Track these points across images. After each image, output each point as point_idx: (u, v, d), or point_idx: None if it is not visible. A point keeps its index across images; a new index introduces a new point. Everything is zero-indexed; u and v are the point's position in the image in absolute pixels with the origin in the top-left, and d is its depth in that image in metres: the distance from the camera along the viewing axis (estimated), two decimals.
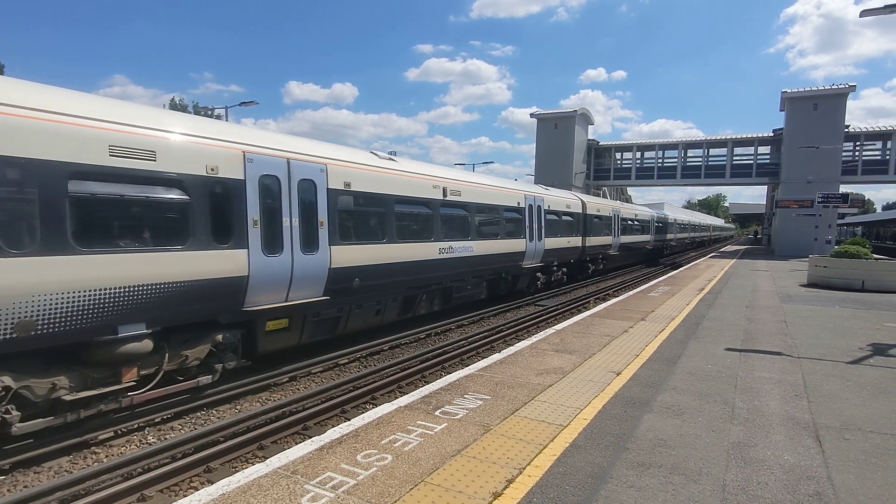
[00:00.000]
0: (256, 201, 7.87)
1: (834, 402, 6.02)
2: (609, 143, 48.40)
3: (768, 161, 41.65)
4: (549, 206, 19.03)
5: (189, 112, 49.79)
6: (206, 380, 7.44)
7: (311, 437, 5.39)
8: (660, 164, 45.38)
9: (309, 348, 9.66)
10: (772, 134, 40.97)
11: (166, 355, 6.88)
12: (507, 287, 16.85)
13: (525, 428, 5.12)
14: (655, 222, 37.07)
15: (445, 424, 5.16)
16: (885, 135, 36.79)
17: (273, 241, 8.13)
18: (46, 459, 5.66)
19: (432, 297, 13.04)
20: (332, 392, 7.95)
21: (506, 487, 3.93)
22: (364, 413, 6.00)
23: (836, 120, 35.01)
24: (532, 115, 46.73)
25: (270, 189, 8.15)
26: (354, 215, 10.09)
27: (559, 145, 44.40)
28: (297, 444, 5.46)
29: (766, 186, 54.68)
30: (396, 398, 6.46)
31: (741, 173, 42.48)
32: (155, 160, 6.59)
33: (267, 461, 4.34)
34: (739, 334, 9.78)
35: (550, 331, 10.03)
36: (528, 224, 17.25)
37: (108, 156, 6.11)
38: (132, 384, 6.50)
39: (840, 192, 32.03)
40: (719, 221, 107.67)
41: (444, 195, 12.88)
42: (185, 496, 4.26)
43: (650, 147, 46.26)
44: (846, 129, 35.81)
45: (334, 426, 5.74)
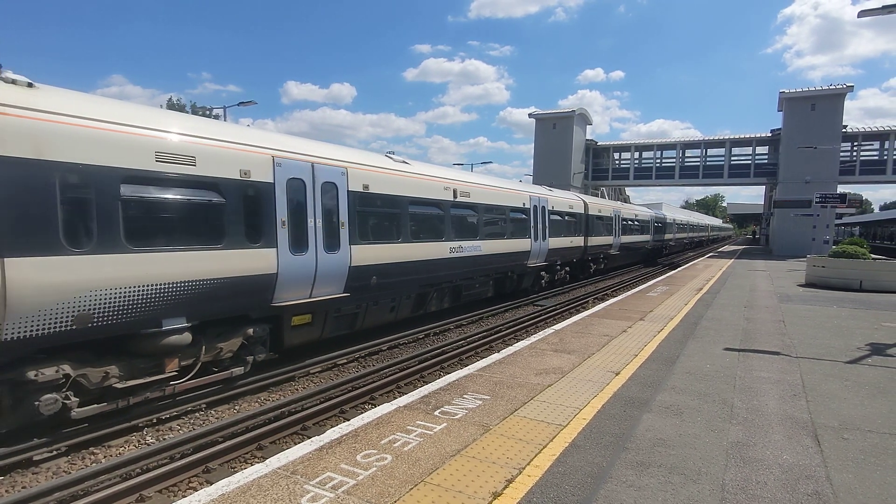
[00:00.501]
0: (284, 203, 8.31)
1: (832, 401, 6.03)
2: (607, 144, 48.42)
3: (766, 161, 41.72)
4: (552, 207, 19.35)
5: (187, 112, 49.75)
6: (238, 371, 7.90)
7: (310, 438, 5.38)
8: (658, 165, 45.43)
9: (331, 342, 10.07)
10: (770, 134, 41.03)
11: (203, 347, 7.31)
12: (512, 285, 17.16)
13: (524, 428, 5.12)
14: (654, 222, 37.24)
15: (445, 424, 5.16)
16: (883, 135, 36.86)
17: (299, 241, 8.57)
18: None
19: (442, 294, 13.46)
20: (331, 392, 7.94)
21: (505, 487, 3.94)
22: (363, 413, 6.01)
23: (834, 120, 35.09)
24: (530, 116, 46.75)
25: (297, 191, 8.60)
26: (372, 216, 10.49)
27: (557, 145, 44.42)
28: (296, 444, 5.45)
29: (764, 186, 54.81)
30: (395, 398, 6.46)
31: (739, 173, 42.54)
32: (195, 165, 7.04)
33: (266, 461, 4.33)
34: (738, 334, 9.80)
35: (549, 331, 10.03)
36: (532, 224, 17.58)
37: (155, 161, 6.59)
38: (174, 374, 6.96)
39: (838, 192, 32.03)
40: (717, 221, 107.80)
41: (455, 196, 13.31)
42: (185, 496, 4.26)
43: (648, 147, 46.31)
44: (844, 130, 35.87)
45: (333, 426, 5.73)
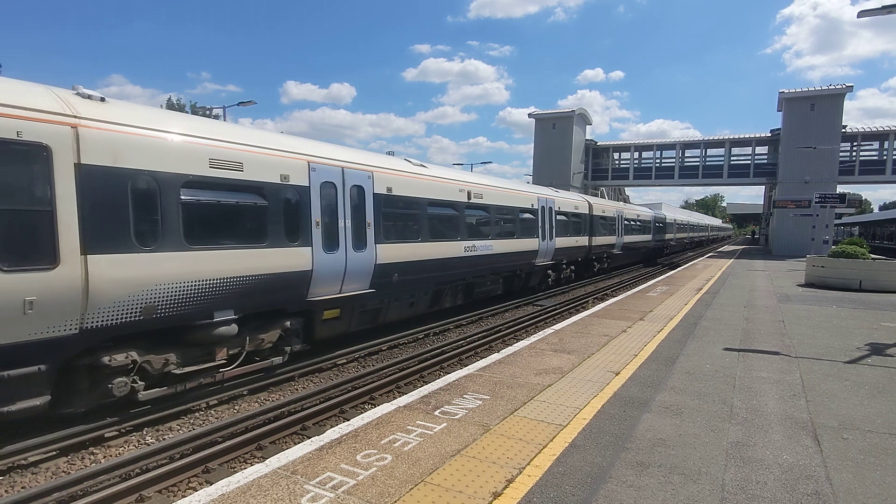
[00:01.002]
0: (318, 205, 8.95)
1: (832, 401, 6.03)
2: (607, 144, 48.43)
3: (766, 161, 41.75)
4: (559, 208, 19.84)
5: (186, 112, 49.72)
6: (277, 360, 8.54)
7: (310, 438, 5.38)
8: (657, 165, 45.44)
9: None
10: (769, 134, 41.04)
11: (247, 338, 7.93)
12: (521, 283, 17.71)
13: (524, 428, 5.12)
14: (655, 223, 37.40)
15: (445, 424, 5.16)
16: (882, 135, 36.89)
17: (331, 240, 9.23)
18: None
19: (456, 291, 14.05)
20: (331, 392, 7.94)
21: (506, 487, 3.93)
22: (363, 413, 6.00)
23: (834, 120, 35.10)
24: (530, 116, 46.76)
25: (329, 194, 9.26)
26: (394, 217, 11.08)
27: (557, 145, 44.43)
28: (296, 444, 5.46)
29: (764, 186, 54.81)
30: (395, 398, 6.46)
31: (739, 173, 42.55)
32: (242, 170, 7.69)
33: (266, 461, 4.33)
34: (737, 334, 9.80)
35: (549, 331, 10.03)
36: (540, 224, 18.13)
37: (209, 167, 7.24)
38: (223, 362, 7.61)
39: (837, 192, 32.08)
40: (717, 221, 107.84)
41: (469, 198, 13.95)
42: (185, 496, 4.25)
43: (648, 147, 46.32)
44: (843, 130, 35.89)
45: (333, 426, 5.73)
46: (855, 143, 37.51)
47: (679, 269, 26.92)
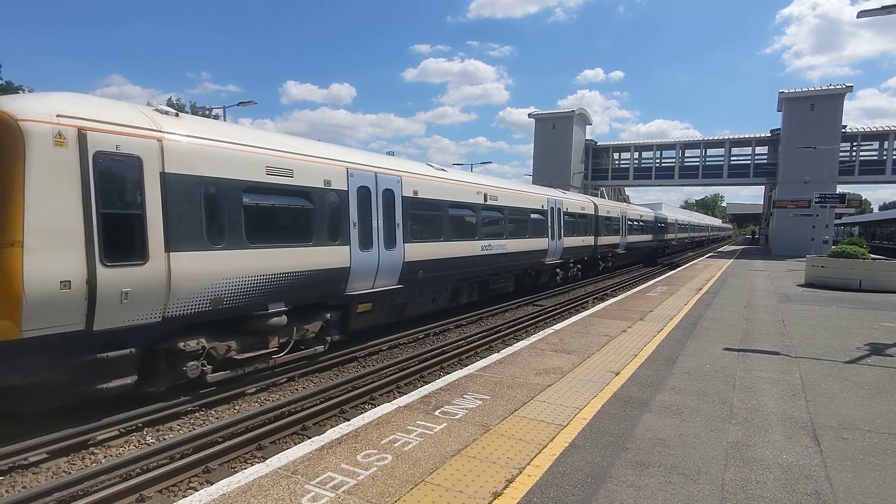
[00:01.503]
0: (355, 207, 9.78)
1: (832, 401, 6.04)
2: (607, 144, 48.44)
3: (766, 161, 41.75)
4: (567, 209, 20.58)
5: (186, 112, 49.70)
6: (320, 348, 9.40)
7: (310, 438, 5.39)
8: (657, 165, 45.45)
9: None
10: (769, 134, 41.05)
11: (294, 328, 8.70)
12: (531, 281, 18.48)
13: (524, 428, 5.13)
14: (657, 223, 37.58)
15: (445, 424, 5.17)
16: (882, 135, 36.91)
17: (366, 239, 10.05)
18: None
19: (472, 288, 14.88)
20: (331, 392, 7.94)
21: (506, 487, 3.94)
22: (363, 413, 6.01)
23: (833, 120, 35.11)
24: (530, 116, 46.76)
25: (364, 197, 10.07)
26: (420, 218, 11.90)
27: (557, 145, 44.44)
28: (296, 444, 5.46)
29: (764, 187, 54.82)
30: (396, 398, 6.47)
31: (739, 173, 42.55)
32: (292, 177, 8.50)
33: (266, 461, 4.33)
34: (737, 334, 9.81)
35: (549, 331, 10.04)
36: (550, 225, 18.92)
37: (265, 174, 8.03)
38: (275, 349, 8.39)
39: (837, 192, 32.10)
40: (717, 221, 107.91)
41: (485, 200, 14.77)
42: (185, 496, 4.26)
43: (648, 147, 46.33)
44: (843, 130, 35.90)
45: (333, 426, 5.74)
46: (855, 143, 37.52)
47: (679, 269, 26.94)
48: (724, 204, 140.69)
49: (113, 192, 6.19)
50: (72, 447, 5.90)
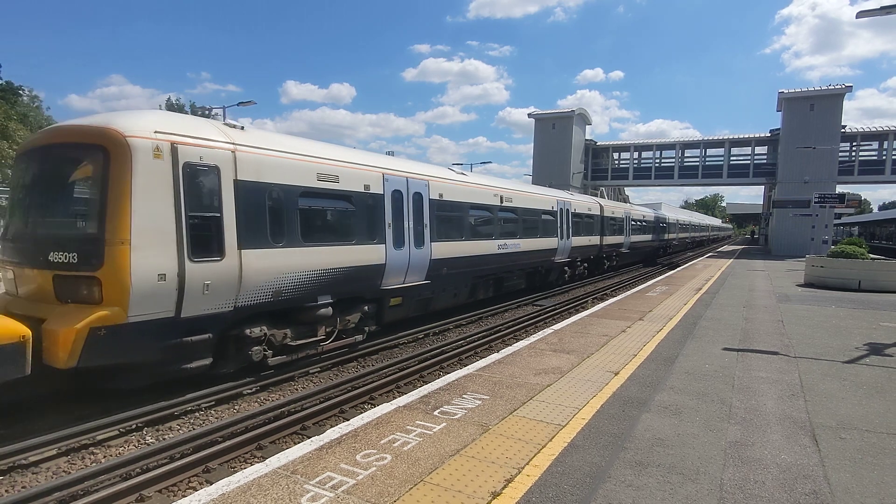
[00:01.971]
0: (389, 209, 10.70)
1: (830, 401, 6.05)
2: (606, 143, 48.45)
3: (765, 161, 41.78)
4: (574, 209, 21.47)
5: (186, 112, 49.70)
6: (359, 337, 10.30)
7: (309, 438, 5.39)
8: (657, 165, 45.47)
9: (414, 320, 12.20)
10: (769, 134, 41.07)
11: (338, 319, 9.57)
12: (541, 279, 19.35)
13: (524, 427, 5.13)
14: (659, 223, 37.80)
15: (444, 424, 5.17)
16: (882, 135, 36.93)
17: (399, 239, 10.98)
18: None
19: (488, 285, 15.71)
20: (330, 392, 7.94)
21: (505, 487, 3.95)
22: (363, 413, 6.01)
23: (833, 120, 35.13)
24: (530, 116, 46.77)
25: (397, 200, 11.01)
26: (444, 219, 12.79)
27: (557, 145, 44.45)
28: (295, 444, 5.46)
29: (764, 187, 54.84)
30: (395, 398, 6.48)
31: (738, 173, 42.59)
32: (338, 182, 9.45)
33: (266, 461, 4.34)
34: (737, 334, 9.82)
35: (548, 331, 10.05)
36: (559, 225, 19.83)
37: (316, 180, 8.99)
38: (322, 337, 9.27)
39: (837, 192, 32.12)
40: (717, 221, 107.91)
41: (501, 202, 15.70)
42: (185, 496, 4.26)
43: (647, 147, 46.35)
44: (842, 130, 35.92)
45: (333, 426, 5.74)
46: (854, 143, 37.54)
47: (679, 268, 26.95)
48: (723, 204, 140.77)
49: (197, 197, 7.08)
50: (72, 447, 5.90)
